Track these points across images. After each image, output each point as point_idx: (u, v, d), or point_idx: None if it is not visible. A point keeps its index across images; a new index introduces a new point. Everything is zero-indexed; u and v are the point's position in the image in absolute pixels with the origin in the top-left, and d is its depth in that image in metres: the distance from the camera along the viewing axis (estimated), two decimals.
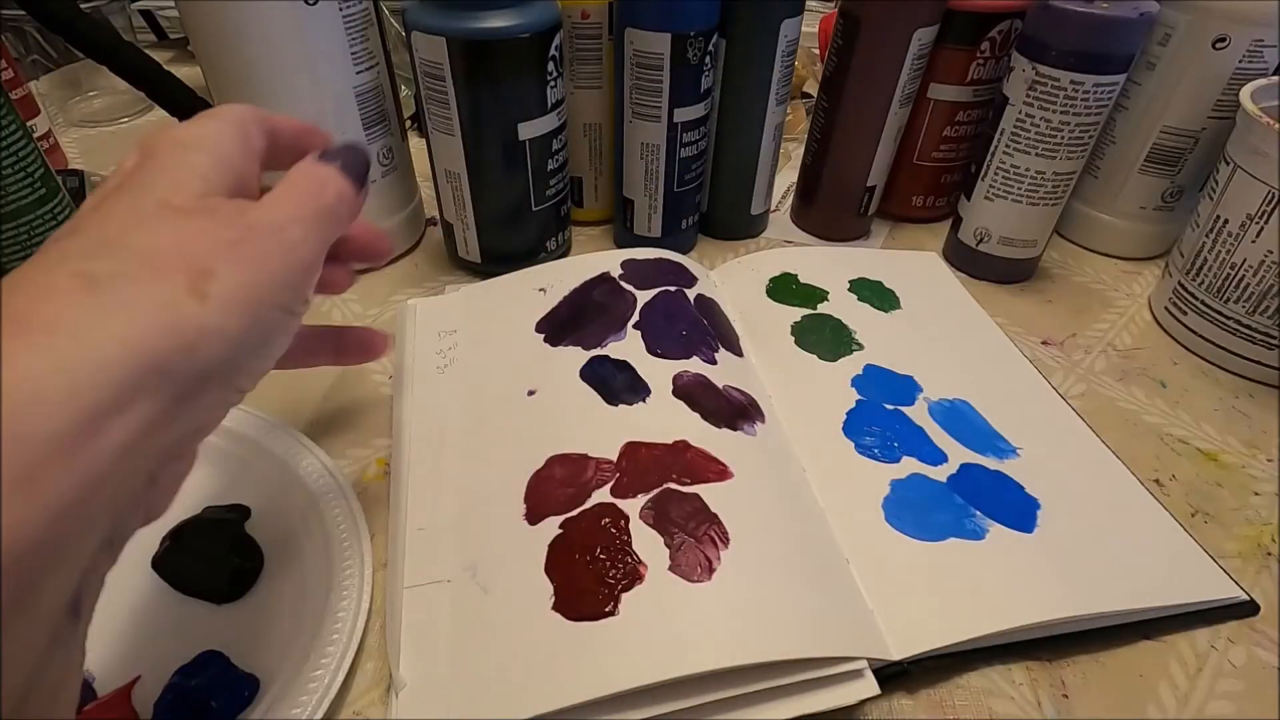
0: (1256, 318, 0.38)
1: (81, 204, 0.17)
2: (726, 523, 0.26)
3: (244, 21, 0.34)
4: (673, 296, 0.37)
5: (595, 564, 0.25)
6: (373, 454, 0.33)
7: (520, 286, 0.38)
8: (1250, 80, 0.38)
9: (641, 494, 0.27)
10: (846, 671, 0.24)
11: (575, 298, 0.37)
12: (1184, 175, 0.45)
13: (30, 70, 0.59)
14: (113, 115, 0.62)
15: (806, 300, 0.40)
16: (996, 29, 0.43)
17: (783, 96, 0.43)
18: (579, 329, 0.35)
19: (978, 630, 0.25)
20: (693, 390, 0.32)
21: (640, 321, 0.35)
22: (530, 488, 0.28)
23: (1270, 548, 0.31)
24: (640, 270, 0.38)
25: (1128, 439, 0.35)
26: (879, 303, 0.41)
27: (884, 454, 0.32)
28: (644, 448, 0.29)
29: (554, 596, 0.25)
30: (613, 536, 0.26)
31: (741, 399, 0.32)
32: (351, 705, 0.25)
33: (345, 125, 0.38)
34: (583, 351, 0.33)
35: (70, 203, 0.33)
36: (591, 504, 0.27)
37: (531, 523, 0.27)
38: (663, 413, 0.30)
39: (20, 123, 0.30)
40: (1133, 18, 0.36)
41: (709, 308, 0.38)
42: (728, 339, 0.36)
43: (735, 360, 0.35)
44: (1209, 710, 0.25)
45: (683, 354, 0.33)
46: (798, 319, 0.39)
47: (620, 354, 0.33)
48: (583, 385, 0.32)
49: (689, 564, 0.25)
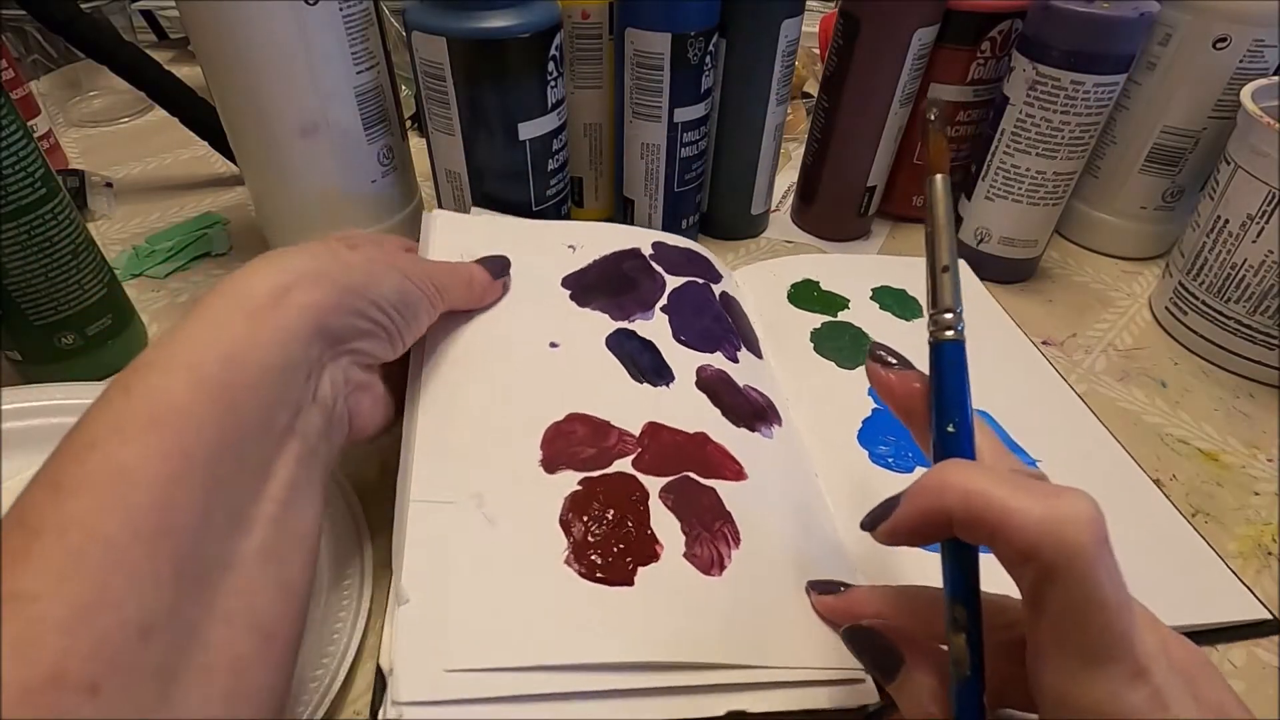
0: (1257, 318, 0.38)
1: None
2: (739, 523, 0.26)
3: (244, 21, 0.33)
4: (701, 289, 0.37)
5: (618, 529, 0.25)
6: (374, 454, 0.33)
7: (548, 236, 0.37)
8: (1251, 80, 0.38)
9: (663, 475, 0.27)
10: (847, 679, 0.24)
11: (605, 264, 0.36)
12: (1184, 175, 0.45)
13: (30, 70, 0.59)
14: (113, 115, 0.62)
15: (827, 307, 0.41)
16: (997, 29, 0.43)
17: (783, 96, 0.43)
18: (607, 297, 0.34)
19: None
20: (715, 385, 0.32)
21: (668, 306, 0.35)
22: (548, 436, 0.27)
23: (1270, 548, 0.31)
24: (670, 255, 0.38)
25: (1128, 439, 0.35)
26: (901, 310, 0.41)
27: (898, 464, 0.32)
28: (666, 431, 0.29)
29: (569, 551, 0.24)
30: (634, 506, 0.26)
31: (760, 400, 0.32)
32: (351, 705, 0.25)
33: (345, 125, 0.38)
34: (610, 321, 0.33)
35: (70, 203, 0.33)
36: (614, 470, 0.27)
37: (548, 470, 0.26)
38: (685, 402, 0.30)
39: (21, 123, 0.30)
40: (1133, 18, 0.36)
41: (733, 306, 0.38)
42: (749, 339, 0.36)
43: (756, 361, 0.35)
44: None
45: (708, 348, 0.33)
46: (817, 326, 0.39)
47: (648, 334, 0.33)
48: (607, 353, 0.31)
49: (704, 556, 0.25)
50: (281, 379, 0.20)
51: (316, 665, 0.24)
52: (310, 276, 0.22)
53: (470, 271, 0.31)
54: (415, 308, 0.26)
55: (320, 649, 0.24)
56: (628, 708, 0.22)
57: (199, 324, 0.20)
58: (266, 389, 0.20)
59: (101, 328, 0.35)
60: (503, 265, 0.32)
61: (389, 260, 0.26)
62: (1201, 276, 0.39)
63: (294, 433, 0.21)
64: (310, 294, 0.22)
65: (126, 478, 0.16)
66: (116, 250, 0.46)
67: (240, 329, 0.20)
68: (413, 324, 0.26)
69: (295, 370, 0.21)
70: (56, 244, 0.32)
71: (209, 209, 0.50)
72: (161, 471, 0.17)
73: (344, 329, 0.23)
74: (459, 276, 0.30)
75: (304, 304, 0.21)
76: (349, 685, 0.25)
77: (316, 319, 0.22)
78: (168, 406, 0.18)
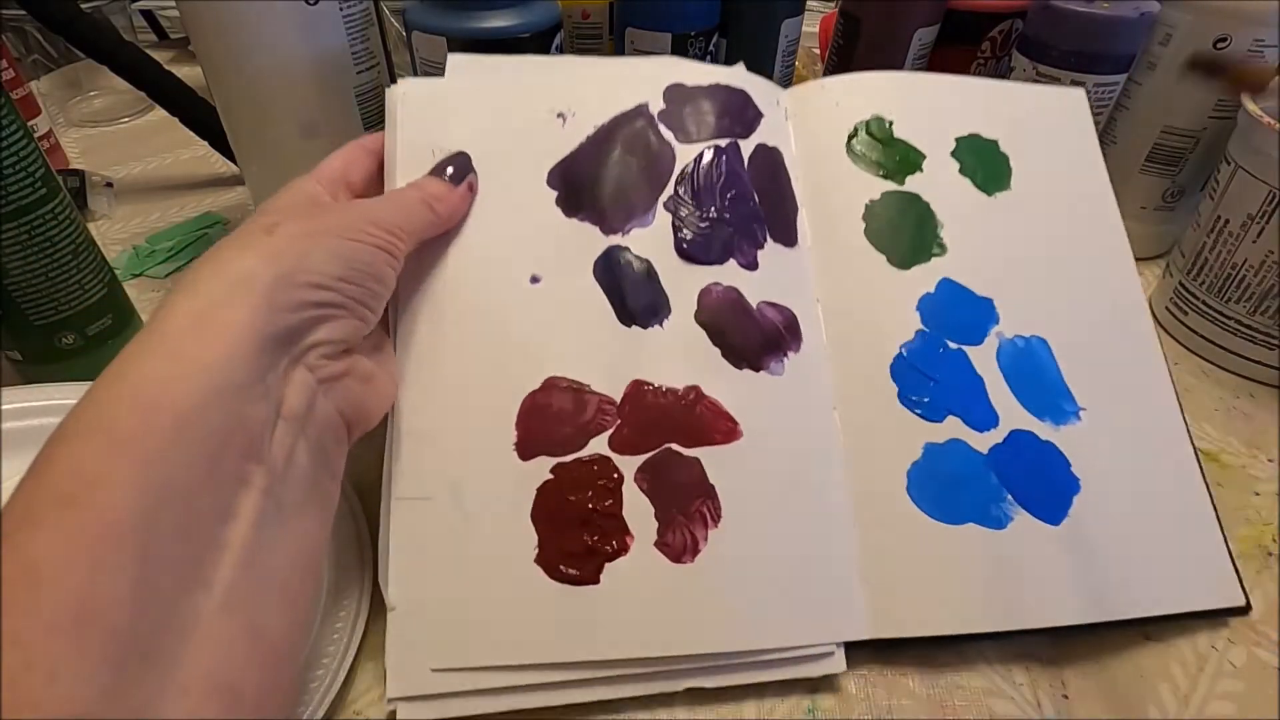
0: (1257, 318, 0.38)
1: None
2: (722, 497, 0.26)
3: (244, 21, 0.33)
4: (722, 158, 0.30)
5: (584, 526, 0.25)
6: (375, 453, 0.33)
7: (535, 99, 0.30)
8: None
9: (640, 453, 0.26)
10: (817, 653, 0.25)
11: (599, 144, 0.30)
12: (1185, 175, 0.45)
13: (31, 70, 0.59)
14: (113, 115, 0.62)
15: (896, 166, 0.32)
16: (997, 29, 0.43)
17: None
18: (598, 196, 0.29)
19: (967, 628, 0.26)
20: (719, 314, 0.28)
21: (674, 199, 0.29)
22: (524, 412, 0.26)
23: (1270, 548, 0.31)
24: (686, 107, 0.31)
25: None
26: (984, 178, 0.33)
27: (928, 410, 0.28)
28: (651, 392, 0.27)
29: (538, 549, 0.25)
30: (605, 495, 0.26)
31: (776, 320, 0.29)
32: (351, 705, 0.25)
33: (345, 125, 0.38)
34: (600, 236, 0.29)
35: (70, 203, 0.33)
36: (588, 453, 0.26)
37: (523, 457, 0.26)
38: (679, 347, 0.28)
39: (21, 122, 0.30)
40: (1133, 18, 0.36)
41: (768, 167, 0.31)
42: (782, 219, 0.31)
43: (782, 255, 0.30)
44: (1209, 710, 0.25)
45: (718, 256, 0.29)
46: (875, 197, 0.32)
47: (644, 250, 0.29)
48: (594, 287, 0.28)
49: (676, 543, 0.25)
50: (219, 415, 0.18)
51: (317, 665, 0.24)
52: (229, 286, 0.19)
53: (426, 191, 0.26)
54: (368, 266, 0.23)
55: (320, 649, 0.24)
56: (596, 693, 0.24)
57: (113, 378, 0.18)
58: (200, 433, 0.17)
59: (102, 328, 0.35)
60: (463, 166, 0.28)
61: (319, 225, 0.22)
62: (1202, 276, 0.39)
63: (256, 462, 0.19)
64: (235, 310, 0.19)
65: (34, 572, 0.15)
66: (116, 250, 0.46)
67: (160, 371, 0.18)
68: (373, 286, 0.23)
69: (237, 398, 0.18)
70: (57, 244, 0.32)
71: (209, 209, 0.50)
72: (77, 557, 0.15)
73: (290, 328, 0.20)
74: (413, 205, 0.26)
75: (229, 322, 0.19)
76: (349, 685, 0.25)
77: (251, 333, 0.19)
78: (82, 480, 0.16)
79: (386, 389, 0.25)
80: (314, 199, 0.25)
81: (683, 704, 0.25)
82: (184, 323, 0.19)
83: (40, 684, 0.14)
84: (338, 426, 0.23)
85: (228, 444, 0.18)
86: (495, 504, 0.25)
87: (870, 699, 0.25)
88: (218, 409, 0.18)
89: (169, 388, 0.17)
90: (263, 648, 0.18)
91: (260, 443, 0.19)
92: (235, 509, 0.18)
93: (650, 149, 0.30)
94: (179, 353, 0.18)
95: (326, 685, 0.23)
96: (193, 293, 0.19)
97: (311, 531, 0.21)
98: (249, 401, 0.19)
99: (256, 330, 0.19)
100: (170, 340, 0.18)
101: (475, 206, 0.29)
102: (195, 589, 0.17)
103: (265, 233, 0.21)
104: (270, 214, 0.23)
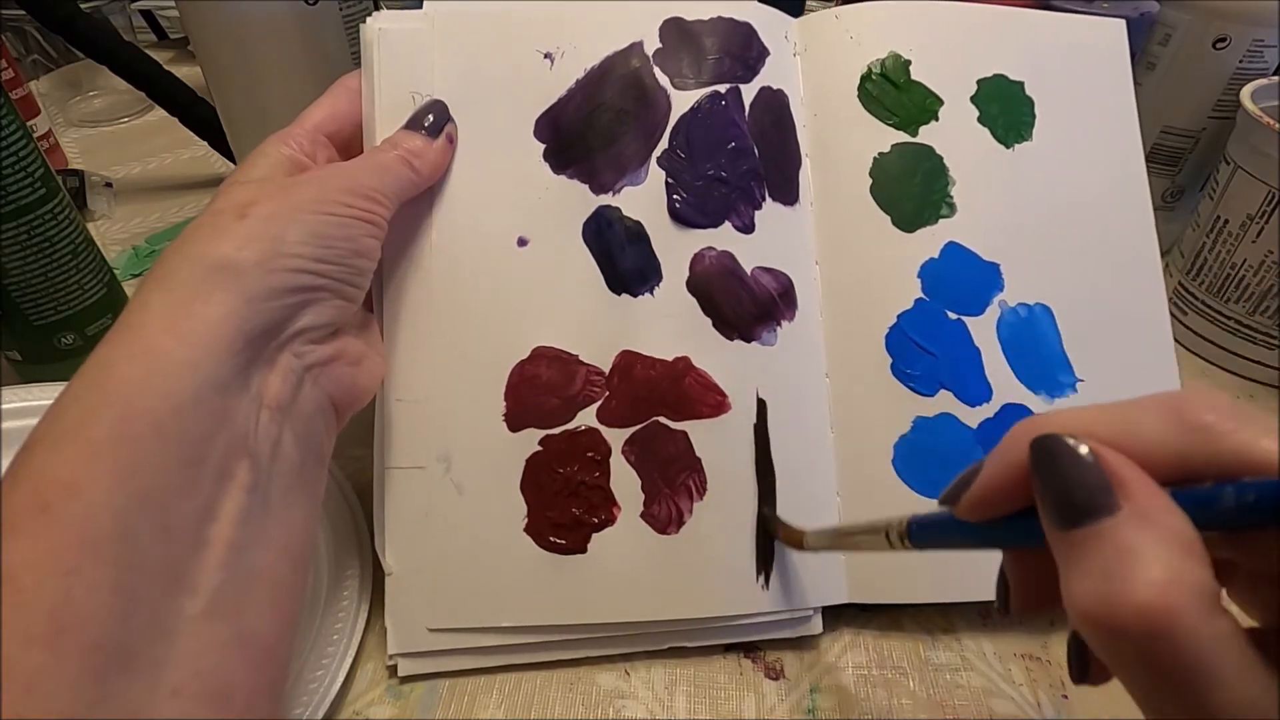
0: (1257, 318, 0.38)
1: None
2: (708, 470, 0.26)
3: (244, 21, 0.33)
4: (721, 107, 0.28)
5: (572, 497, 0.26)
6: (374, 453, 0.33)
7: (520, 40, 0.28)
8: (1251, 80, 0.38)
9: (629, 426, 0.26)
10: (794, 617, 0.26)
11: (589, 89, 0.28)
12: (1184, 175, 0.45)
13: (30, 70, 0.59)
14: (113, 115, 0.62)
15: (910, 114, 0.30)
16: None
17: None
18: (588, 150, 0.27)
19: (944, 597, 0.27)
20: (711, 281, 0.27)
21: (667, 153, 0.27)
22: (513, 383, 0.26)
23: None
24: (684, 46, 0.28)
25: None
26: (1004, 127, 0.30)
27: (920, 383, 0.28)
28: (640, 363, 0.26)
29: (527, 519, 0.26)
30: (593, 467, 0.26)
31: (771, 288, 0.28)
32: (351, 705, 0.25)
33: None
34: (590, 195, 0.27)
35: (70, 203, 0.33)
36: (576, 425, 0.26)
37: (512, 428, 0.26)
38: (669, 316, 0.27)
39: (20, 122, 0.30)
40: (1133, 18, 0.36)
41: (771, 113, 0.29)
42: (783, 174, 0.29)
43: (781, 215, 0.29)
44: None
45: (713, 218, 0.27)
46: (884, 150, 0.29)
47: (635, 211, 0.27)
48: (583, 251, 0.27)
49: (662, 515, 0.26)
50: (199, 415, 0.17)
51: (316, 665, 0.24)
52: (204, 277, 0.19)
53: (403, 148, 0.25)
54: (350, 241, 0.21)
55: (320, 649, 0.24)
56: (583, 650, 0.26)
57: (89, 379, 0.17)
58: (179, 434, 0.17)
59: (101, 328, 0.35)
60: (440, 116, 0.26)
61: (293, 201, 0.21)
62: (1201, 276, 0.39)
63: (239, 458, 0.18)
64: (212, 304, 0.18)
65: (11, 582, 0.15)
66: (116, 250, 0.46)
67: (136, 372, 0.17)
68: (356, 261, 0.22)
69: (218, 396, 0.18)
70: (56, 244, 0.32)
71: None
72: (55, 566, 0.15)
73: (271, 319, 0.19)
74: (391, 166, 0.24)
75: (206, 317, 0.18)
76: (349, 685, 0.25)
77: (230, 328, 0.18)
78: (59, 488, 0.16)
79: (376, 367, 0.24)
80: (289, 165, 0.23)
81: (683, 703, 0.25)
82: (159, 318, 0.18)
83: (18, 695, 0.14)
84: (327, 412, 0.22)
85: (209, 443, 0.18)
86: (485, 475, 0.26)
87: (870, 699, 0.25)
88: (197, 409, 0.17)
89: (146, 389, 0.17)
90: (251, 645, 0.18)
91: (244, 438, 0.18)
92: (218, 508, 0.18)
93: (644, 96, 0.28)
94: (155, 350, 0.17)
95: (326, 685, 0.24)
96: (167, 285, 0.18)
97: (298, 522, 0.20)
98: (231, 398, 0.18)
99: (236, 325, 0.18)
100: (146, 337, 0.18)
101: (460, 160, 0.27)
102: (179, 592, 0.17)
103: (238, 217, 0.20)
104: (241, 188, 0.21)
